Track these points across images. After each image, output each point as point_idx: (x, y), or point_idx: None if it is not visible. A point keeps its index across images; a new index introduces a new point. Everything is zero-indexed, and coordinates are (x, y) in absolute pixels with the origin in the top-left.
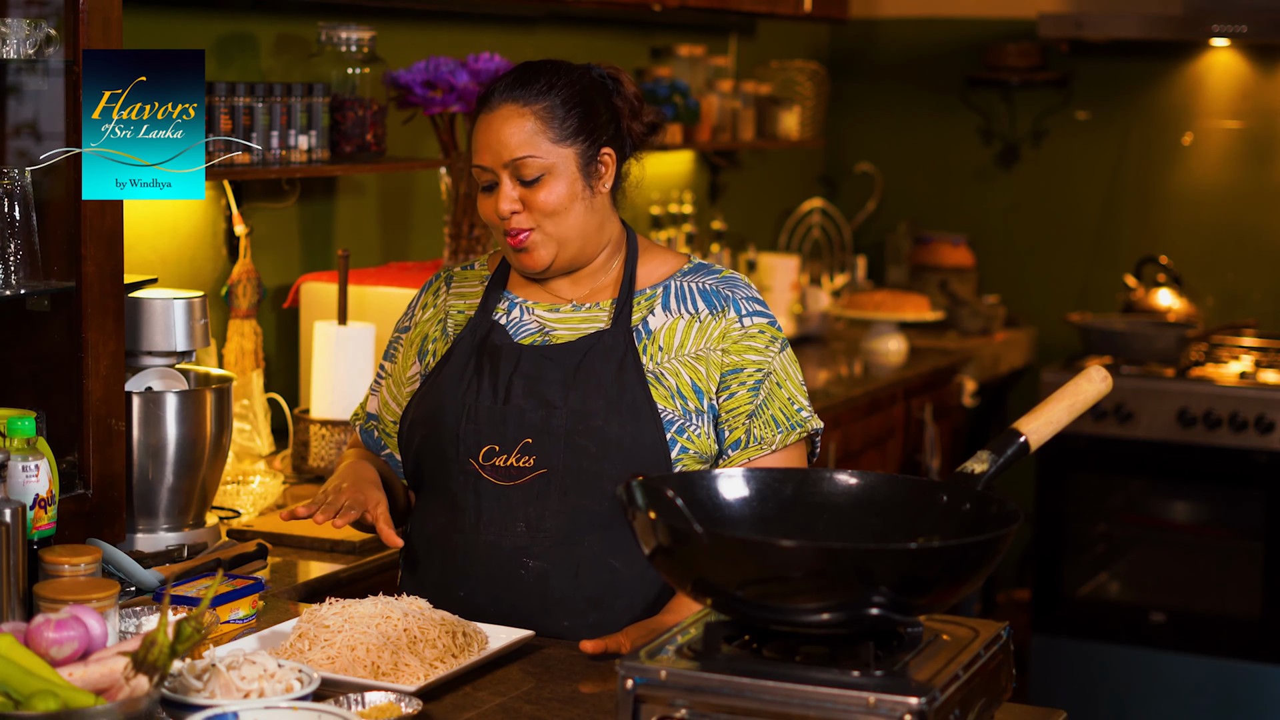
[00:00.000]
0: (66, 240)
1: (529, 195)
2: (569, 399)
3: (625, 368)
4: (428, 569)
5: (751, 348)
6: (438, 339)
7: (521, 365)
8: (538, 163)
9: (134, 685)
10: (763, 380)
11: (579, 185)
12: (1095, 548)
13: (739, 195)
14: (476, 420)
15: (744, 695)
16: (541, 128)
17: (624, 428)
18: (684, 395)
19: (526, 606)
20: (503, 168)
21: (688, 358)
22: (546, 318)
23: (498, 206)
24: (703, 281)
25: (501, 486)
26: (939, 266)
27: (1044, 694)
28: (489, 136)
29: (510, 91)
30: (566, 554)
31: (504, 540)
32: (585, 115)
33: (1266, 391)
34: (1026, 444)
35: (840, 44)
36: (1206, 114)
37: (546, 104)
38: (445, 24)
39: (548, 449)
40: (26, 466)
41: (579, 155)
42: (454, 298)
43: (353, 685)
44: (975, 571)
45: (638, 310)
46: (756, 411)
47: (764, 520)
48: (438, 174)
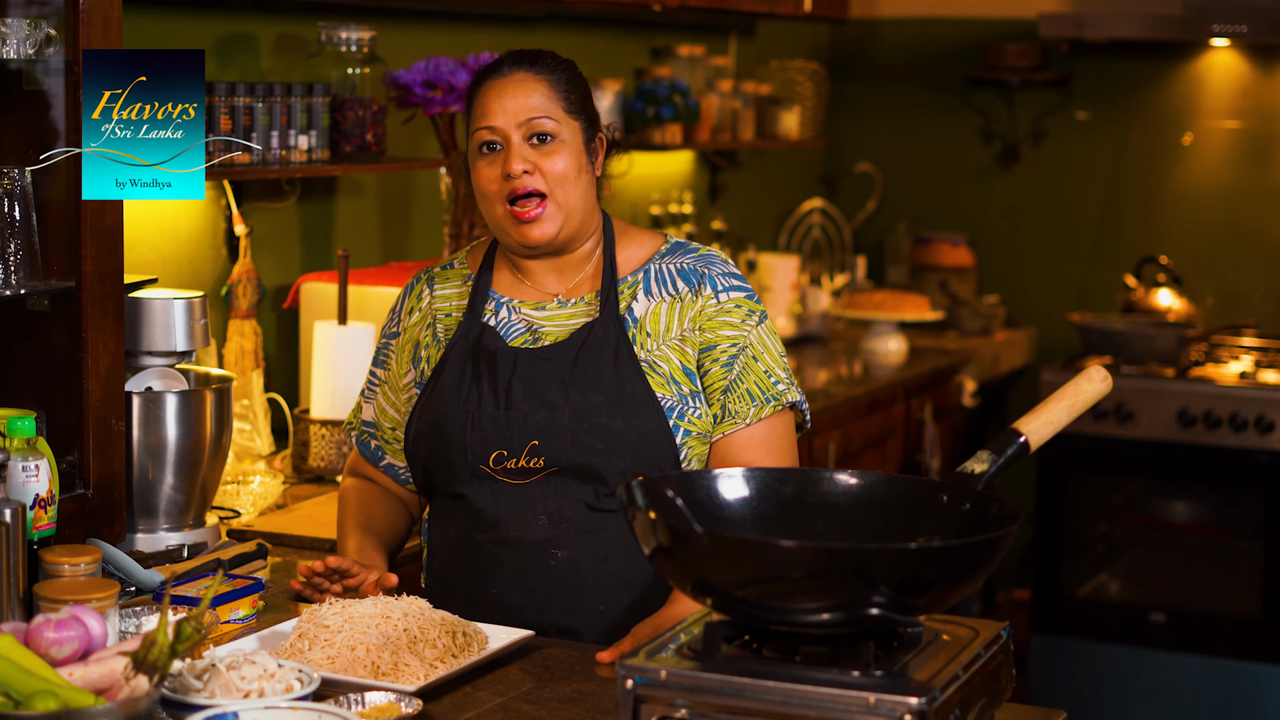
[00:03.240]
0: (66, 240)
1: (539, 158)
2: (570, 397)
3: (621, 359)
4: (454, 573)
5: (727, 323)
6: (429, 344)
7: (519, 368)
8: (552, 124)
9: (134, 685)
10: (737, 355)
11: (584, 158)
12: (1095, 548)
13: (739, 195)
14: (481, 427)
15: (744, 695)
16: (554, 95)
17: (628, 420)
18: (677, 380)
19: (560, 595)
20: (517, 127)
21: (674, 341)
22: (534, 316)
23: (508, 166)
24: (680, 261)
25: (517, 485)
26: (939, 266)
27: (1044, 694)
28: (501, 99)
29: (520, 62)
30: (592, 540)
31: (528, 535)
32: (586, 97)
33: (1266, 391)
34: (1026, 444)
35: (840, 44)
36: (1206, 114)
37: (556, 77)
38: (445, 24)
39: (555, 448)
40: (26, 466)
41: (583, 131)
42: (438, 300)
43: (353, 685)
44: (975, 571)
45: (622, 299)
46: (731, 386)
47: (764, 520)
48: (438, 174)
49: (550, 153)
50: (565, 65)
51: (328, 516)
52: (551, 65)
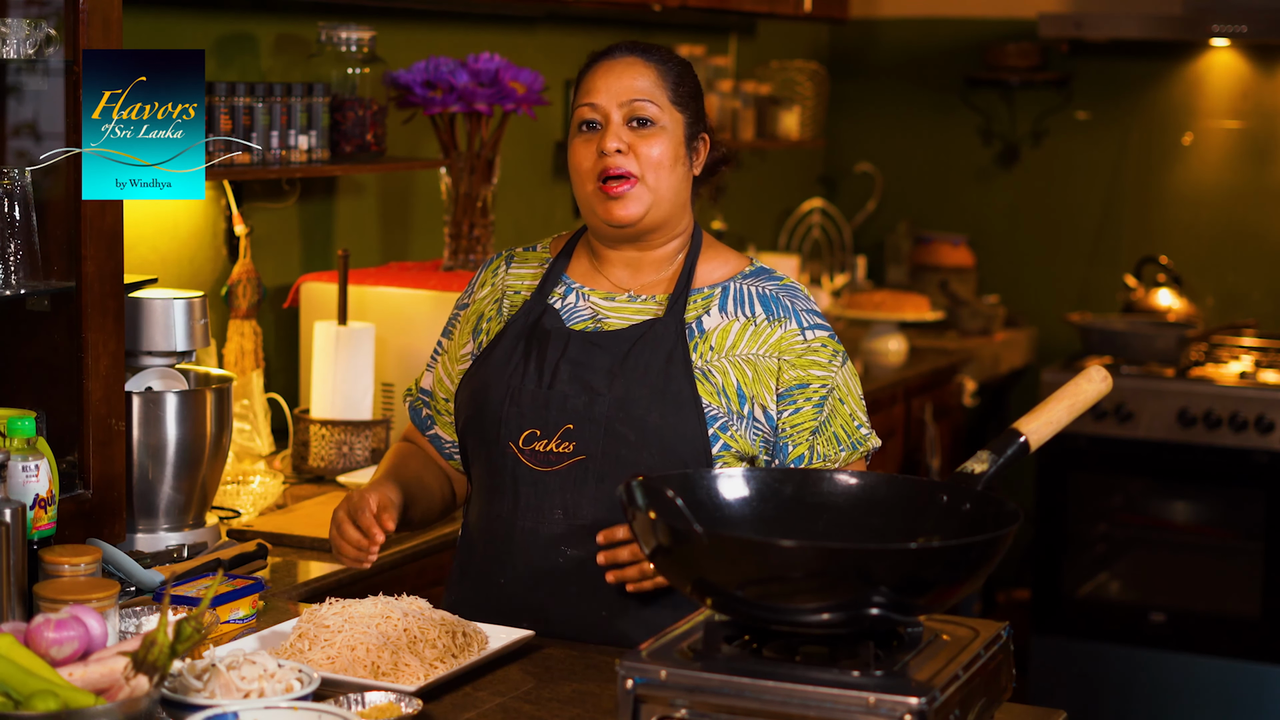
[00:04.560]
0: (66, 240)
1: (637, 141)
2: (613, 386)
3: (673, 360)
4: (471, 555)
5: (815, 362)
6: (492, 318)
7: (570, 350)
8: (654, 109)
9: (134, 685)
10: (827, 396)
11: (681, 151)
12: (1095, 548)
13: (739, 195)
14: (520, 403)
15: (744, 695)
16: (661, 84)
17: (665, 418)
18: (728, 395)
19: (565, 595)
20: (618, 107)
21: (738, 358)
22: (601, 305)
23: (603, 144)
24: (763, 286)
25: (539, 472)
26: (939, 266)
27: (1044, 694)
28: (608, 79)
29: (634, 50)
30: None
31: (541, 528)
32: (695, 94)
33: (1266, 391)
34: (1026, 444)
35: (840, 44)
36: (1206, 114)
37: (666, 67)
38: (445, 24)
39: (587, 435)
40: (26, 466)
41: (685, 125)
42: (513, 278)
43: (353, 685)
44: (975, 571)
45: (694, 308)
46: (820, 428)
47: (764, 520)
48: (438, 174)
49: (648, 137)
50: (678, 60)
51: (328, 516)
52: (664, 57)
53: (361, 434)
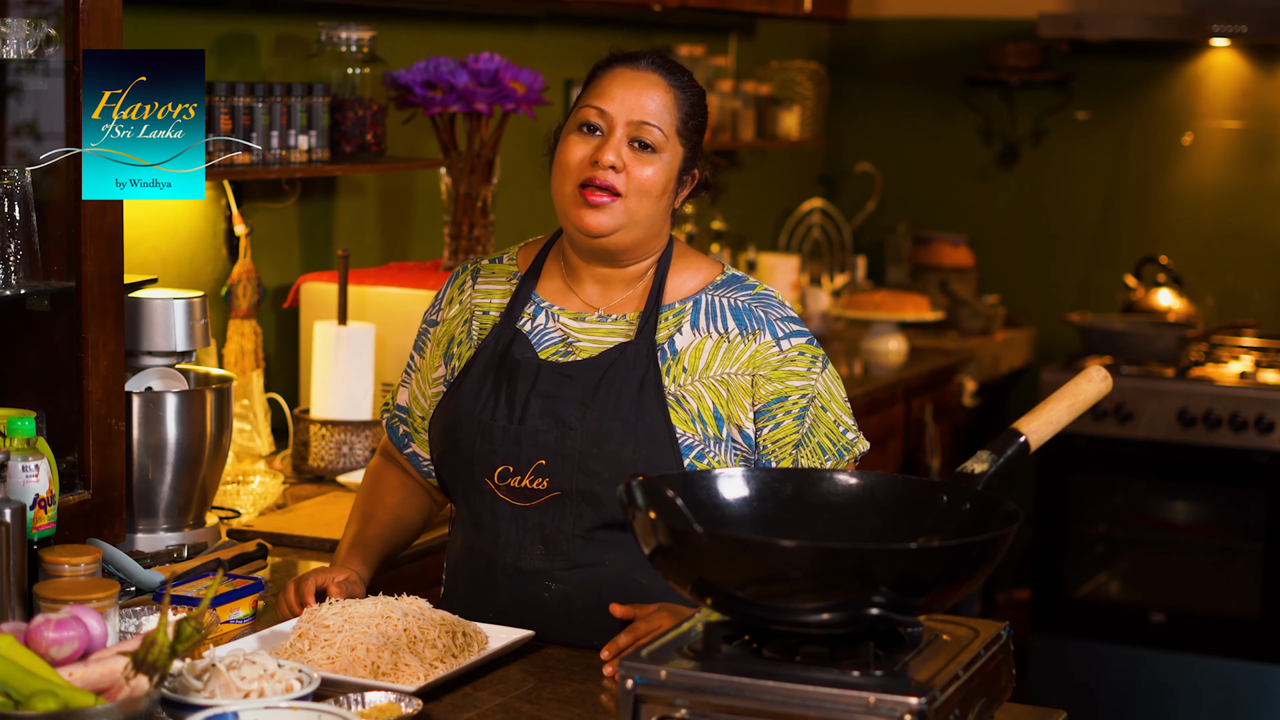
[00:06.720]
0: (66, 240)
1: (633, 162)
2: (585, 420)
3: (645, 388)
4: (456, 588)
5: (793, 373)
6: (463, 341)
7: (540, 383)
8: (659, 136)
9: (134, 685)
10: (808, 406)
11: (671, 184)
12: (1095, 548)
13: (739, 195)
14: (491, 439)
15: (744, 695)
16: (674, 110)
17: (639, 452)
18: (704, 420)
19: (553, 630)
20: (626, 123)
21: (713, 380)
22: (571, 327)
23: (600, 154)
24: (734, 297)
25: (519, 507)
26: (939, 266)
27: (1044, 694)
28: (625, 89)
29: (658, 65)
30: (587, 574)
31: (523, 563)
32: (700, 128)
33: (1266, 391)
34: (1026, 444)
35: (840, 44)
36: (1206, 114)
37: (684, 96)
38: (445, 24)
39: (560, 471)
40: (26, 466)
41: (683, 159)
42: (480, 295)
43: (353, 685)
44: (975, 571)
45: (665, 326)
46: (803, 440)
47: (764, 520)
48: (438, 174)
49: (645, 162)
50: (696, 89)
51: (328, 516)
52: (685, 83)
53: (361, 434)
